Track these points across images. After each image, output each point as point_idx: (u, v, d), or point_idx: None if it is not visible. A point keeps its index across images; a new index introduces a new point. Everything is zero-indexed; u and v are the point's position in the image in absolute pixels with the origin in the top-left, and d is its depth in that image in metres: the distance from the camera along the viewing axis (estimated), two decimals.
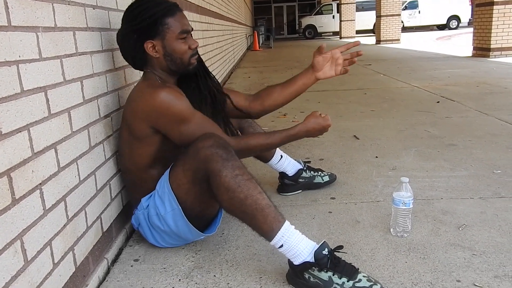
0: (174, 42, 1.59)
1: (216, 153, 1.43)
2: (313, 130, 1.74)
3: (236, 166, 1.44)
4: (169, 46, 1.59)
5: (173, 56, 1.60)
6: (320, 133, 1.77)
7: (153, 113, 1.53)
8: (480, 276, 1.45)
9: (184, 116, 1.54)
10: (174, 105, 1.52)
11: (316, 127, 1.74)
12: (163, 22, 1.56)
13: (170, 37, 1.58)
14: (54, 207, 1.27)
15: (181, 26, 1.59)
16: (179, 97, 1.55)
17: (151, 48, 1.58)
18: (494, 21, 8.09)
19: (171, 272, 1.58)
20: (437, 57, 9.33)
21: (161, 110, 1.51)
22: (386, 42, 15.30)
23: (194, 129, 1.56)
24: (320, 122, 1.74)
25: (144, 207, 1.64)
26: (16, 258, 1.08)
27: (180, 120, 1.54)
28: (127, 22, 1.58)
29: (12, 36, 1.11)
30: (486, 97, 4.57)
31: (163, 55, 1.60)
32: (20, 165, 1.11)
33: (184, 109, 1.54)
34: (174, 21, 1.58)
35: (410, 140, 3.12)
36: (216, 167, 1.42)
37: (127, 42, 1.60)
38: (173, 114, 1.52)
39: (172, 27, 1.57)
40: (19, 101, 1.12)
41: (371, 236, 1.76)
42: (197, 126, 1.56)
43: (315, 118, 1.74)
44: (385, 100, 4.63)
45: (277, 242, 1.41)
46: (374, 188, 2.26)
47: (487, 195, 2.11)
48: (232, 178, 1.41)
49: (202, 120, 1.59)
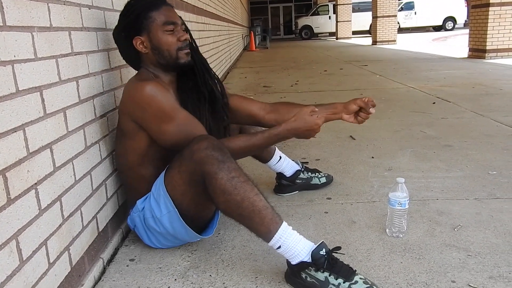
0: (160, 34, 1.58)
1: (212, 155, 1.42)
2: (299, 131, 1.62)
3: (232, 168, 1.42)
4: (155, 39, 1.58)
5: (160, 49, 1.59)
6: (308, 134, 1.64)
7: (136, 106, 1.52)
8: (475, 277, 1.46)
9: (167, 113, 1.52)
10: (158, 99, 1.50)
11: (302, 127, 1.61)
12: (146, 16, 1.56)
13: (155, 30, 1.58)
14: (50, 207, 1.27)
15: (166, 18, 1.58)
16: (164, 93, 1.53)
17: (140, 44, 1.59)
18: (489, 23, 8.12)
19: (166, 272, 1.58)
20: (433, 58, 9.36)
21: (143, 104, 1.50)
22: (382, 43, 15.33)
23: (176, 129, 1.54)
24: (307, 121, 1.61)
25: (140, 209, 1.64)
26: (12, 257, 1.08)
27: (162, 117, 1.52)
28: (119, 21, 1.62)
29: (7, 36, 1.11)
30: (481, 98, 4.59)
31: (151, 49, 1.60)
32: (15, 165, 1.11)
33: (168, 106, 1.52)
34: (158, 14, 1.58)
35: (406, 140, 3.13)
36: (211, 169, 1.41)
37: (120, 41, 1.64)
38: (155, 109, 1.50)
39: (156, 20, 1.57)
40: (14, 101, 1.12)
41: (367, 237, 1.77)
42: (179, 126, 1.54)
43: (303, 116, 1.61)
44: (381, 101, 4.64)
45: (275, 244, 1.41)
46: (370, 189, 2.27)
47: (483, 196, 2.11)
48: (228, 181, 1.40)
49: (186, 121, 1.56)
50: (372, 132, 3.41)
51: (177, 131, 1.54)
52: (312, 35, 25.83)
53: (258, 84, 6.59)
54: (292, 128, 1.62)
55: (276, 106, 1.87)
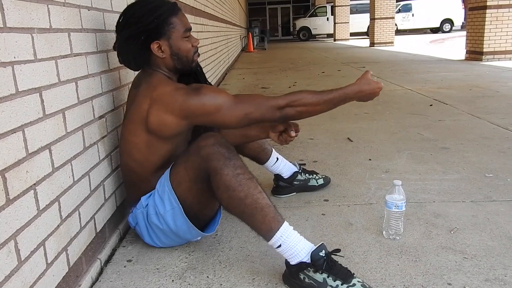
0: (180, 41, 1.60)
1: (218, 151, 1.45)
2: (365, 92, 1.60)
3: (237, 165, 1.45)
4: (175, 46, 1.59)
5: (179, 55, 1.61)
6: (371, 96, 1.63)
7: (201, 115, 1.51)
8: (471, 280, 1.47)
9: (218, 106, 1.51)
10: (211, 102, 1.50)
11: (367, 89, 1.60)
12: (168, 21, 1.57)
13: (176, 37, 1.59)
14: (48, 208, 1.27)
15: (184, 25, 1.61)
16: (218, 90, 1.56)
17: (157, 48, 1.58)
18: (487, 25, 8.15)
19: (164, 272, 1.58)
20: (430, 60, 9.39)
21: (203, 111, 1.50)
22: (379, 45, 15.36)
23: (245, 102, 1.53)
24: (372, 83, 1.61)
25: (144, 206, 1.64)
26: (10, 258, 1.08)
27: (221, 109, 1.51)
28: (131, 24, 1.55)
29: (8, 37, 1.11)
30: (478, 100, 4.61)
31: (170, 54, 1.60)
32: (14, 166, 1.11)
33: (217, 98, 1.52)
34: (178, 20, 1.59)
35: (403, 142, 3.14)
36: (217, 165, 1.43)
37: (132, 44, 1.57)
38: (215, 109, 1.50)
39: (177, 27, 1.58)
40: (14, 102, 1.12)
41: (363, 239, 1.77)
42: (244, 98, 1.55)
43: (367, 79, 1.61)
44: (379, 103, 4.65)
45: (275, 242, 1.42)
46: (367, 191, 2.28)
47: (479, 198, 2.13)
48: (234, 177, 1.42)
49: (242, 95, 1.57)
50: (369, 134, 3.42)
51: (246, 101, 1.54)
52: (310, 37, 25.85)
53: (256, 85, 6.60)
54: (360, 90, 1.60)
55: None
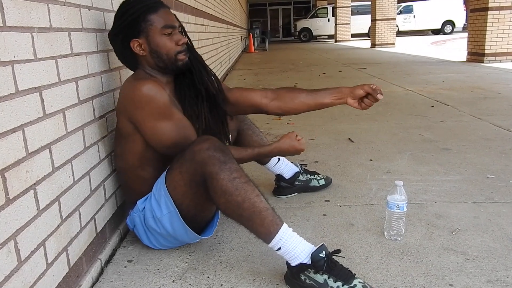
0: (158, 38, 1.58)
1: (214, 156, 1.43)
2: (286, 152, 1.82)
3: (233, 169, 1.43)
4: (153, 43, 1.58)
5: (158, 53, 1.59)
6: (293, 154, 1.85)
7: (132, 106, 1.52)
8: (472, 281, 1.46)
9: (162, 112, 1.53)
10: (154, 98, 1.50)
11: (289, 149, 1.82)
12: (145, 19, 1.56)
13: (153, 33, 1.57)
14: (48, 208, 1.27)
15: (164, 21, 1.58)
16: (161, 92, 1.53)
17: (137, 46, 1.58)
18: (488, 27, 8.14)
19: (164, 273, 1.58)
20: (432, 62, 9.38)
21: (140, 103, 1.50)
22: (381, 46, 15.37)
23: (171, 129, 1.55)
24: (294, 145, 1.81)
25: (140, 209, 1.63)
26: (10, 258, 1.08)
27: (158, 115, 1.52)
28: (114, 23, 1.60)
29: (7, 36, 1.11)
30: (480, 102, 4.60)
31: (149, 52, 1.59)
32: (14, 165, 1.11)
33: (164, 105, 1.53)
34: (157, 17, 1.57)
35: (404, 143, 3.13)
36: (213, 170, 1.42)
37: (116, 42, 1.62)
38: (152, 108, 1.51)
39: (155, 23, 1.57)
40: (13, 101, 1.12)
41: (365, 239, 1.77)
42: (175, 126, 1.55)
43: (290, 140, 1.81)
44: (380, 104, 4.63)
45: (275, 245, 1.41)
46: (368, 191, 2.27)
47: (481, 199, 2.12)
48: (230, 181, 1.41)
49: (182, 122, 1.58)
50: (370, 135, 3.41)
51: (172, 131, 1.55)
52: (311, 38, 25.86)
53: (257, 86, 6.59)
54: (280, 150, 1.82)
55: (279, 92, 1.84)
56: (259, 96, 1.83)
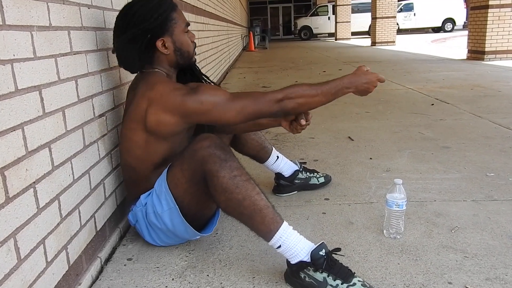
0: (182, 36, 1.62)
1: (214, 154, 1.43)
2: (361, 82, 1.57)
3: (234, 167, 1.43)
4: (178, 41, 1.61)
5: (182, 50, 1.63)
6: (368, 87, 1.59)
7: (199, 113, 1.50)
8: (471, 279, 1.46)
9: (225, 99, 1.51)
10: (211, 101, 1.49)
11: (364, 78, 1.58)
12: (171, 17, 1.58)
13: (178, 32, 1.60)
14: (48, 206, 1.27)
15: (184, 19, 1.63)
16: (215, 88, 1.56)
17: (161, 45, 1.58)
18: (488, 24, 8.13)
19: (164, 271, 1.58)
20: (432, 60, 9.37)
21: (201, 111, 1.49)
22: (381, 44, 15.34)
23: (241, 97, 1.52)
24: (368, 74, 1.58)
25: (143, 204, 1.63)
26: (10, 256, 1.08)
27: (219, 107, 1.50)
28: (135, 25, 1.53)
29: (7, 35, 1.11)
30: (480, 100, 4.60)
31: (173, 50, 1.61)
32: (14, 164, 1.11)
33: (221, 95, 1.51)
34: (178, 15, 1.61)
35: (404, 142, 3.14)
36: (213, 168, 1.42)
37: (137, 45, 1.55)
38: (212, 108, 1.49)
39: (178, 21, 1.60)
40: (13, 100, 1.12)
41: (364, 237, 1.77)
42: (241, 94, 1.54)
43: (363, 71, 1.59)
44: (380, 102, 4.65)
45: (275, 243, 1.42)
46: (368, 190, 2.27)
47: (480, 197, 2.12)
48: (230, 179, 1.41)
49: (240, 92, 1.57)
50: (370, 133, 3.42)
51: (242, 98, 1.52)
52: (311, 36, 25.84)
53: (257, 85, 6.60)
54: (355, 79, 1.58)
55: None
56: None
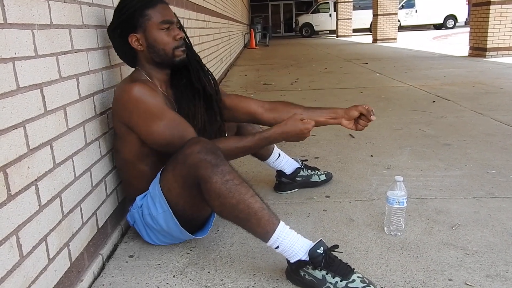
0: (156, 32, 1.59)
1: (205, 159, 1.42)
2: (289, 134, 1.64)
3: (226, 171, 1.42)
4: (151, 37, 1.59)
5: (155, 48, 1.61)
6: (298, 138, 1.66)
7: (123, 109, 1.54)
8: (472, 275, 1.47)
9: (154, 113, 1.53)
10: (144, 100, 1.51)
11: (292, 131, 1.63)
12: (142, 13, 1.57)
13: (150, 28, 1.59)
14: (50, 203, 1.28)
15: (162, 16, 1.59)
16: (152, 93, 1.53)
17: (135, 41, 1.60)
18: (490, 21, 8.11)
19: (165, 268, 1.59)
20: (433, 57, 9.36)
21: (130, 106, 1.52)
22: (382, 41, 15.32)
23: (165, 129, 1.54)
24: (298, 126, 1.62)
25: (139, 206, 1.64)
26: (12, 253, 1.09)
27: (150, 117, 1.52)
28: (113, 17, 1.62)
29: (8, 33, 1.11)
30: (481, 97, 4.59)
31: (147, 47, 1.61)
32: (15, 161, 1.12)
33: (155, 106, 1.53)
34: (154, 12, 1.58)
35: (405, 139, 3.14)
36: (205, 173, 1.41)
37: (114, 38, 1.64)
38: (143, 110, 1.52)
39: (152, 18, 1.58)
40: (15, 98, 1.13)
41: (365, 235, 1.78)
42: (168, 126, 1.55)
43: (294, 121, 1.63)
44: (381, 99, 4.65)
45: (273, 244, 1.42)
46: (368, 187, 2.27)
47: (481, 195, 2.12)
48: (223, 184, 1.40)
49: (175, 121, 1.57)
50: (371, 131, 3.41)
51: (165, 131, 1.55)
52: (313, 33, 25.78)
53: (258, 82, 6.59)
54: (283, 132, 1.64)
55: (275, 105, 1.87)
56: (255, 104, 1.86)
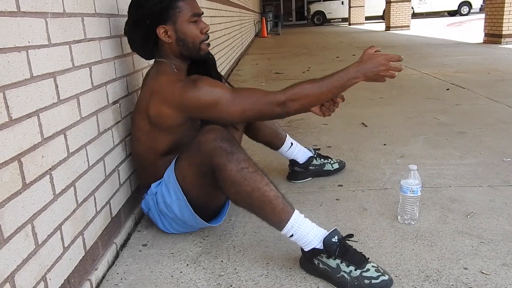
0: (186, 25, 1.58)
1: (220, 147, 1.42)
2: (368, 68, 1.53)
3: (241, 159, 1.42)
4: (181, 30, 1.58)
5: (185, 41, 1.59)
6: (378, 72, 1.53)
7: (197, 108, 1.52)
8: (487, 264, 1.45)
9: (222, 100, 1.51)
10: (209, 91, 1.50)
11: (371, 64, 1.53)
12: (174, 6, 1.55)
13: (181, 21, 1.57)
14: (64, 192, 1.29)
15: (192, 9, 1.58)
16: (215, 84, 1.54)
17: (163, 33, 1.57)
18: (506, 7, 7.96)
19: (178, 257, 1.60)
20: (448, 44, 9.22)
21: (202, 107, 1.50)
22: (395, 29, 15.13)
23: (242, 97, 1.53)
24: (375, 57, 1.54)
25: (153, 193, 1.65)
26: (27, 241, 1.10)
27: (220, 105, 1.51)
28: (137, 8, 1.56)
29: (21, 21, 1.11)
30: (497, 84, 4.52)
31: (176, 40, 1.59)
32: (30, 150, 1.12)
33: (217, 93, 1.51)
34: (185, 4, 1.57)
35: (418, 127, 3.10)
36: (220, 161, 1.41)
37: (139, 29, 1.58)
38: (214, 104, 1.50)
39: (183, 11, 1.56)
40: (28, 87, 1.13)
41: (378, 224, 1.76)
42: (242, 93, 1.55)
43: (369, 55, 1.56)
44: (394, 87, 4.60)
45: (287, 232, 1.42)
46: (382, 176, 2.26)
47: (496, 183, 2.09)
48: (238, 172, 1.40)
49: (241, 90, 1.57)
50: (384, 119, 3.38)
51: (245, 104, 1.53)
52: (325, 21, 25.56)
53: (269, 71, 6.56)
54: (361, 66, 1.55)
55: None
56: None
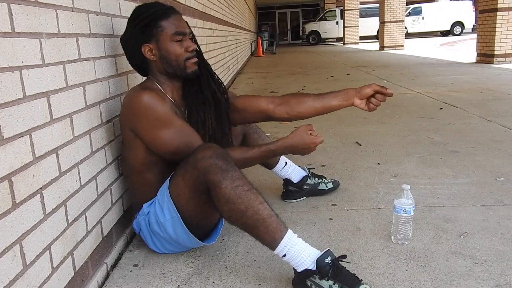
0: (169, 44, 1.60)
1: (216, 164, 1.42)
2: (296, 148, 1.68)
3: (236, 177, 1.42)
4: (164, 48, 1.60)
5: (168, 58, 1.61)
6: (304, 152, 1.70)
7: (132, 115, 1.56)
8: (481, 285, 1.44)
9: (162, 121, 1.54)
10: (153, 108, 1.53)
11: (299, 144, 1.68)
12: (157, 24, 1.58)
13: (164, 39, 1.59)
14: (54, 212, 1.28)
15: (175, 28, 1.60)
16: (160, 102, 1.55)
17: (148, 51, 1.60)
18: (497, 27, 8.10)
19: (170, 277, 1.58)
20: (441, 63, 9.32)
21: (139, 113, 1.53)
22: (389, 48, 15.31)
23: (172, 137, 1.56)
24: (305, 140, 1.67)
25: (145, 213, 1.64)
26: (15, 262, 1.08)
27: (158, 125, 1.54)
28: (126, 27, 1.63)
29: (16, 42, 1.12)
30: (489, 103, 4.56)
31: (159, 57, 1.61)
32: (21, 170, 1.12)
33: (163, 114, 1.54)
34: (168, 23, 1.59)
35: (412, 146, 3.12)
36: (215, 178, 1.41)
37: (128, 47, 1.66)
38: (151, 118, 1.53)
39: (166, 29, 1.59)
40: (21, 106, 1.13)
41: (371, 244, 1.76)
42: (175, 134, 1.56)
43: (301, 134, 1.67)
44: (388, 106, 4.62)
45: (280, 252, 1.41)
46: (375, 195, 2.26)
47: (490, 202, 2.10)
48: (232, 189, 1.40)
49: (182, 129, 1.58)
50: (378, 138, 3.40)
51: (173, 139, 1.56)
52: (320, 41, 25.84)
53: (265, 90, 6.60)
54: (289, 145, 1.68)
55: (285, 98, 1.83)
56: (265, 102, 1.84)
